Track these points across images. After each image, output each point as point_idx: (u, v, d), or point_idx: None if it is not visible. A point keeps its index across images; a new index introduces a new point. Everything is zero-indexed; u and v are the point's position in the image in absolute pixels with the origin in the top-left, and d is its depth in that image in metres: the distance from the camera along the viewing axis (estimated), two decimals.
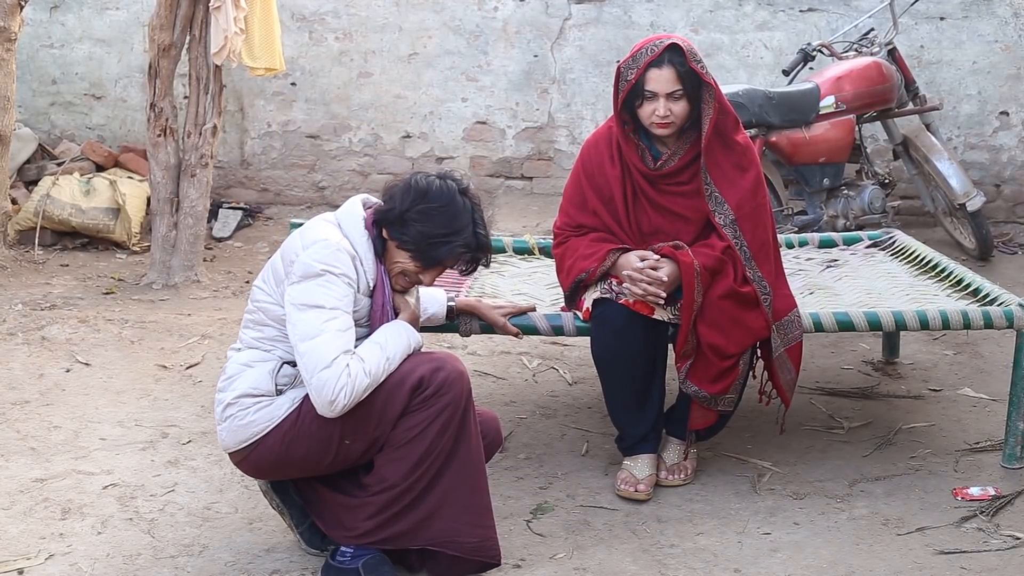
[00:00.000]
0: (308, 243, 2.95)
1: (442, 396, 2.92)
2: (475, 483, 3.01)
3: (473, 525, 3.01)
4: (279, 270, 3.00)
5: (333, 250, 2.92)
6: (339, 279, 2.91)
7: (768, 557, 3.22)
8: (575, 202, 3.67)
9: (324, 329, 2.86)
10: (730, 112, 3.54)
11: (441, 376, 2.93)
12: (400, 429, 2.93)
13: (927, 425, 4.13)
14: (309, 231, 3.00)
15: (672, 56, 3.42)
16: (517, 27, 6.96)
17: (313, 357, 2.85)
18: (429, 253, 2.99)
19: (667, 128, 3.47)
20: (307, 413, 2.93)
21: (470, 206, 3.03)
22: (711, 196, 3.51)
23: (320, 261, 2.91)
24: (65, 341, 4.76)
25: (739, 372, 3.51)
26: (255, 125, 7.08)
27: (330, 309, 2.88)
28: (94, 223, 6.17)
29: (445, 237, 2.98)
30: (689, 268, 3.42)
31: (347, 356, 2.86)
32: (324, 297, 2.89)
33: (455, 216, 2.99)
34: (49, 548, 3.17)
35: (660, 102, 3.44)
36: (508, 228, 6.22)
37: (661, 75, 3.42)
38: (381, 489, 2.96)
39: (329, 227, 3.01)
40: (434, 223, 2.97)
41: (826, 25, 6.83)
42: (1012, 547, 3.27)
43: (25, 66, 6.80)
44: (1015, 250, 6.63)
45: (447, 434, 2.94)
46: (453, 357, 3.02)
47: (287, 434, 2.95)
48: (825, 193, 5.68)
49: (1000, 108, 6.95)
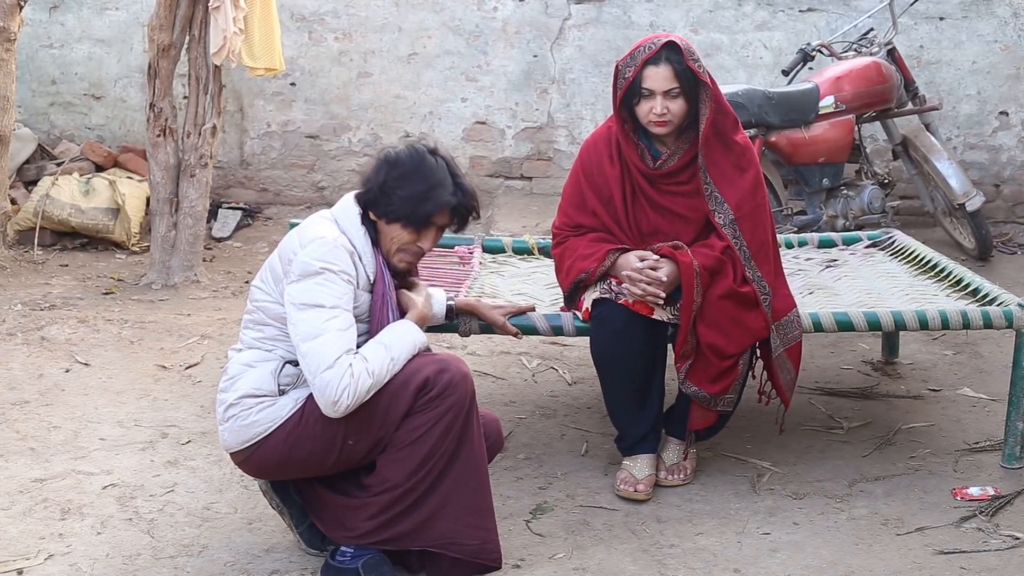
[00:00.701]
0: (306, 241, 2.95)
1: (447, 397, 2.92)
2: (477, 484, 3.01)
3: (475, 527, 3.01)
4: (277, 269, 3.00)
5: (331, 247, 2.92)
6: (338, 276, 2.91)
7: (768, 557, 3.22)
8: (574, 202, 3.67)
9: (325, 329, 2.86)
10: (729, 112, 3.54)
11: (446, 378, 2.93)
12: (404, 430, 2.93)
13: (927, 425, 4.13)
14: (306, 229, 3.00)
15: (669, 54, 3.43)
16: (517, 27, 6.96)
17: (315, 358, 2.85)
18: (417, 213, 2.99)
19: (664, 127, 3.47)
20: (310, 413, 2.93)
21: (443, 163, 3.04)
22: (711, 196, 3.51)
23: (319, 259, 2.90)
24: (64, 341, 4.76)
25: (738, 372, 3.51)
26: (255, 125, 7.08)
27: (330, 308, 2.88)
28: (93, 223, 6.16)
29: (428, 193, 2.99)
30: (688, 268, 3.42)
31: (349, 356, 2.86)
32: (324, 296, 2.88)
33: (431, 172, 3.01)
34: (49, 548, 3.17)
35: (657, 100, 3.44)
36: (508, 228, 6.22)
37: (658, 73, 3.43)
38: (383, 489, 2.95)
39: (326, 224, 3.01)
40: (413, 184, 2.98)
41: (825, 25, 6.83)
42: (1012, 547, 3.27)
43: (25, 66, 6.80)
44: (1014, 250, 6.63)
45: (450, 435, 2.94)
46: (457, 359, 3.02)
47: (290, 434, 2.94)
48: (824, 193, 5.68)
49: (999, 108, 6.96)
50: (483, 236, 4.76)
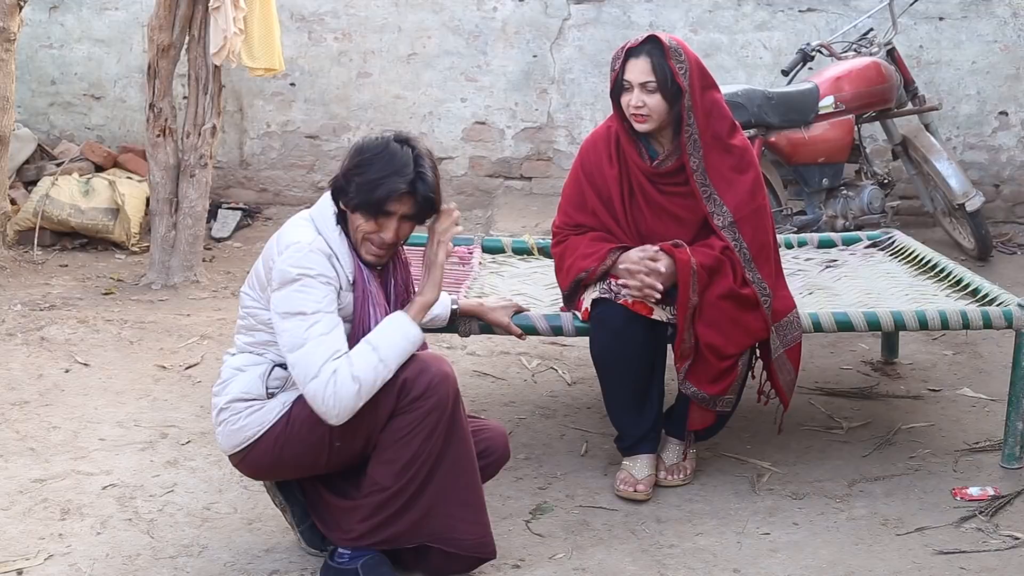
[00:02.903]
0: (282, 247, 2.93)
1: (428, 399, 2.90)
2: (468, 481, 3.00)
3: (470, 522, 3.00)
4: (262, 276, 2.99)
5: (306, 252, 2.90)
6: (316, 280, 2.88)
7: (767, 557, 3.22)
8: (574, 202, 3.67)
9: (308, 337, 2.84)
10: (726, 116, 3.52)
11: (426, 379, 2.90)
12: (388, 432, 2.92)
13: (926, 425, 4.13)
14: (284, 235, 2.98)
15: (651, 48, 3.43)
16: (516, 27, 6.96)
17: (301, 368, 2.84)
18: (371, 200, 2.91)
19: (643, 122, 3.46)
20: (297, 417, 2.93)
21: (409, 151, 2.94)
22: (709, 198, 3.51)
23: (295, 265, 2.88)
24: (64, 341, 4.76)
25: (738, 373, 3.51)
26: (254, 125, 7.08)
27: (312, 314, 2.86)
28: (93, 223, 6.16)
29: (382, 180, 2.90)
30: (685, 265, 3.42)
31: (335, 361, 2.83)
32: (304, 302, 2.86)
33: (390, 159, 2.91)
34: (48, 548, 3.17)
35: (635, 92, 3.43)
36: (507, 228, 6.22)
37: (636, 65, 3.43)
38: (373, 492, 2.95)
39: (303, 228, 2.98)
40: (372, 171, 2.91)
41: (825, 25, 6.83)
42: (1011, 547, 3.27)
43: (24, 66, 6.80)
44: (1014, 250, 6.63)
45: (435, 436, 2.92)
46: (439, 359, 2.99)
47: (279, 437, 2.95)
48: (824, 193, 5.68)
49: (999, 108, 6.96)
50: (483, 236, 4.76)
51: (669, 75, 3.41)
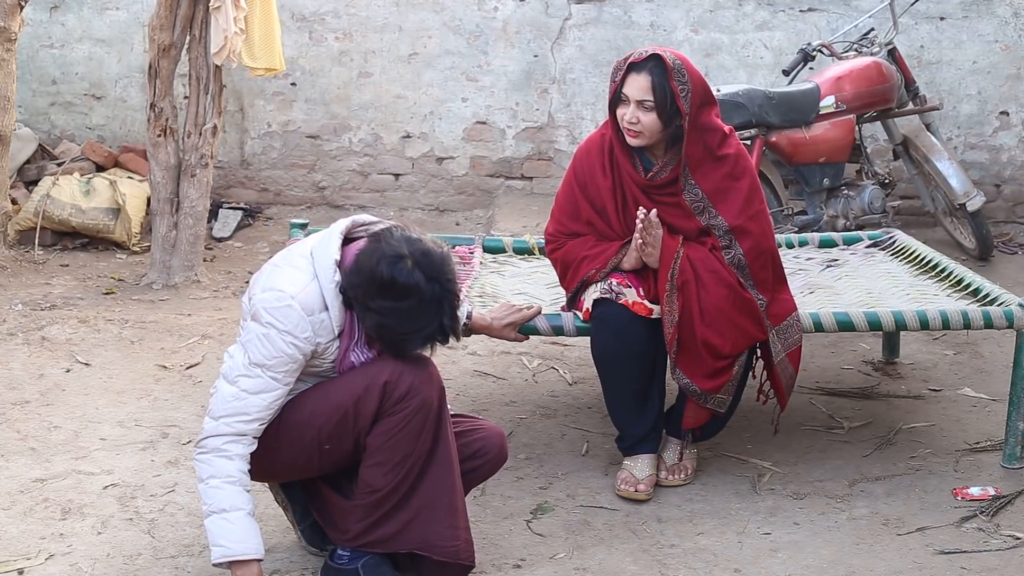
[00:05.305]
0: (267, 287, 2.86)
1: (412, 399, 2.89)
2: (451, 484, 2.99)
3: (450, 527, 2.97)
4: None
5: (283, 306, 2.81)
6: (279, 336, 2.80)
7: (768, 557, 3.22)
8: (568, 211, 3.66)
9: (236, 383, 2.83)
10: (717, 128, 3.49)
11: (408, 380, 2.89)
12: (375, 434, 2.91)
13: (927, 425, 4.13)
14: (275, 274, 2.89)
15: (654, 66, 3.39)
16: (517, 27, 6.96)
17: (215, 403, 2.86)
18: (390, 346, 2.89)
19: (636, 138, 3.44)
20: (286, 422, 2.93)
21: (439, 293, 2.82)
22: (704, 211, 3.49)
23: (268, 312, 2.82)
24: (65, 341, 4.76)
25: (733, 374, 3.50)
26: (255, 125, 7.08)
27: (253, 364, 2.82)
28: (94, 223, 6.16)
29: (408, 335, 2.86)
30: (670, 251, 3.43)
31: (225, 439, 2.82)
32: (256, 348, 2.82)
33: (419, 314, 2.82)
34: (49, 548, 3.17)
35: (630, 107, 3.41)
36: (508, 228, 6.22)
37: (636, 81, 3.40)
38: (366, 493, 2.95)
39: (295, 273, 2.87)
40: (397, 320, 2.82)
41: (826, 25, 6.82)
42: (1012, 547, 3.28)
43: (25, 66, 6.80)
44: (1015, 250, 6.63)
45: (423, 436, 2.92)
46: (422, 359, 2.96)
47: (271, 442, 2.94)
48: (825, 193, 5.68)
49: (1000, 108, 6.95)
50: (483, 236, 4.76)
51: (670, 96, 3.38)
